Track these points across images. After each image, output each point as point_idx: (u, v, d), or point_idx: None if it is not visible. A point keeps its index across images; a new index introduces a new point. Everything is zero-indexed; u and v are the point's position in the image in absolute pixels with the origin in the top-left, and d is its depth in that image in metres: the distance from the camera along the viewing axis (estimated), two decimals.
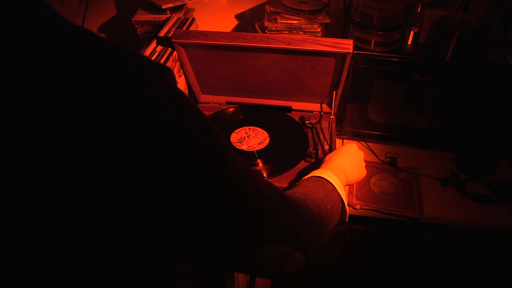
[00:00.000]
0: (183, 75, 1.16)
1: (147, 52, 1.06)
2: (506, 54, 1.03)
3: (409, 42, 1.12)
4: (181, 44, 1.06)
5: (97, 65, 0.37)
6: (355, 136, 1.22)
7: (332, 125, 1.11)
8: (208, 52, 1.08)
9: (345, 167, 0.83)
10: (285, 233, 0.55)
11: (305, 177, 0.78)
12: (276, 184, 0.94)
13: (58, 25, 0.38)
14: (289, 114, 1.20)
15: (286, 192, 0.70)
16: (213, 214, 0.44)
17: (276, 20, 1.21)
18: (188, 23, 1.26)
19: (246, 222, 0.48)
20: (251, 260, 0.52)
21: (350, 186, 1.08)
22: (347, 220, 0.79)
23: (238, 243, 0.49)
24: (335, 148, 1.05)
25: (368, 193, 1.06)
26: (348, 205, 1.04)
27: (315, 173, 0.78)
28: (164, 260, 0.47)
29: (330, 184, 0.74)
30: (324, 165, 0.84)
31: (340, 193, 0.74)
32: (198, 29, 1.34)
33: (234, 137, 1.11)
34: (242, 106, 1.23)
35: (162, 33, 1.16)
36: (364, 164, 0.89)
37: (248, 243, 0.50)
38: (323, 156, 1.07)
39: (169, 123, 0.39)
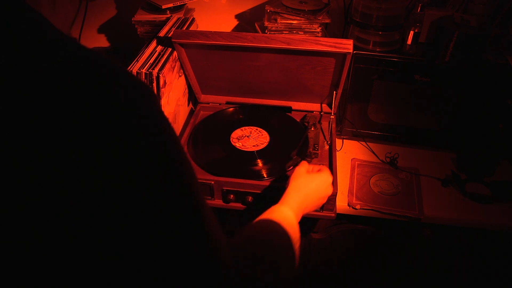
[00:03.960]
0: (183, 75, 1.16)
1: (147, 52, 1.06)
2: (506, 54, 1.03)
3: (409, 42, 1.12)
4: (181, 44, 1.06)
5: (88, 80, 0.37)
6: (355, 136, 1.22)
7: (332, 125, 1.11)
8: (208, 52, 1.08)
9: (309, 207, 0.78)
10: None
11: (268, 217, 0.68)
12: (276, 184, 0.94)
13: (49, 35, 0.38)
14: (289, 114, 1.20)
15: (237, 237, 0.62)
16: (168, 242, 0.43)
17: (276, 20, 1.21)
18: (188, 23, 1.26)
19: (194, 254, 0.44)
20: None
21: (350, 185, 1.08)
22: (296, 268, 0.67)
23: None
24: (335, 148, 1.05)
25: (368, 193, 1.06)
26: (348, 205, 1.04)
27: (279, 215, 0.69)
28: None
29: (289, 242, 0.65)
30: (292, 196, 0.75)
31: (295, 249, 0.65)
32: (198, 29, 1.34)
33: (234, 136, 1.11)
34: (242, 106, 1.23)
35: (162, 33, 1.16)
36: (324, 201, 0.84)
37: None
38: (315, 154, 1.07)
39: (154, 144, 0.40)
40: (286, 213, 0.70)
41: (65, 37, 0.39)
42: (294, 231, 0.66)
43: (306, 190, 0.78)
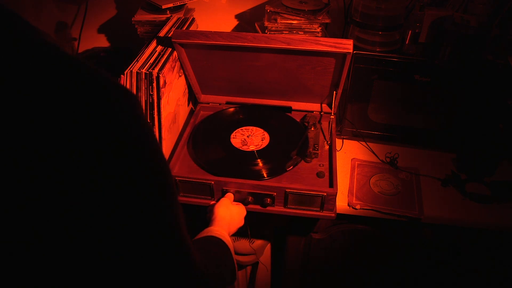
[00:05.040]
0: (183, 75, 1.16)
1: (147, 52, 1.06)
2: (506, 54, 1.03)
3: (407, 42, 1.12)
4: (181, 44, 1.06)
5: (72, 86, 0.38)
6: (355, 136, 1.22)
7: (332, 125, 1.11)
8: (208, 52, 1.08)
9: (231, 229, 0.92)
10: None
11: (209, 234, 0.82)
12: (276, 184, 0.94)
13: (31, 42, 0.39)
14: (289, 114, 1.20)
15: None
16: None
17: (276, 20, 1.21)
18: (188, 23, 1.26)
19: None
20: None
21: (350, 185, 1.08)
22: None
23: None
24: (335, 148, 1.05)
25: (368, 193, 1.06)
26: (348, 205, 1.04)
27: (217, 233, 0.83)
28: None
29: (230, 251, 0.80)
30: (221, 222, 0.90)
31: (233, 256, 0.81)
32: (198, 29, 1.34)
33: (234, 136, 1.11)
34: (242, 106, 1.23)
35: (162, 33, 1.16)
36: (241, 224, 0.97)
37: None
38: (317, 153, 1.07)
39: (138, 148, 0.42)
40: (222, 232, 0.85)
41: (49, 43, 0.40)
42: (231, 245, 0.82)
43: (229, 222, 0.92)
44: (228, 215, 0.91)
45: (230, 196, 0.97)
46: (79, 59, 0.40)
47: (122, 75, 0.98)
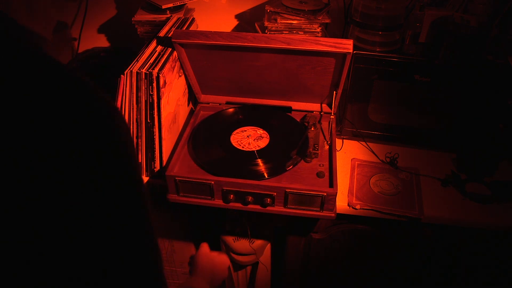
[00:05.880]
0: (183, 75, 1.16)
1: (147, 52, 1.06)
2: (506, 54, 1.03)
3: (407, 42, 1.12)
4: (181, 44, 1.06)
5: (76, 90, 0.39)
6: (355, 136, 1.22)
7: (332, 125, 1.11)
8: (208, 52, 1.08)
9: (215, 281, 0.93)
10: None
11: None
12: (276, 184, 0.95)
13: (23, 49, 0.39)
14: (289, 114, 1.20)
15: None
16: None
17: (276, 20, 1.21)
18: (188, 23, 1.26)
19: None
20: None
21: (350, 185, 1.08)
22: None
23: None
24: (335, 148, 1.05)
25: (368, 193, 1.06)
26: (348, 205, 1.04)
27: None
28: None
29: None
30: (200, 274, 0.89)
31: None
32: (198, 29, 1.34)
33: (234, 137, 1.11)
34: (242, 106, 1.23)
35: (162, 33, 1.16)
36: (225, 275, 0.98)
37: None
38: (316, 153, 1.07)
39: (116, 156, 0.41)
40: (202, 284, 0.85)
41: (34, 46, 0.40)
42: None
43: (210, 268, 0.92)
44: (210, 265, 0.91)
45: (205, 245, 0.98)
46: (62, 63, 0.41)
47: (122, 75, 0.98)
